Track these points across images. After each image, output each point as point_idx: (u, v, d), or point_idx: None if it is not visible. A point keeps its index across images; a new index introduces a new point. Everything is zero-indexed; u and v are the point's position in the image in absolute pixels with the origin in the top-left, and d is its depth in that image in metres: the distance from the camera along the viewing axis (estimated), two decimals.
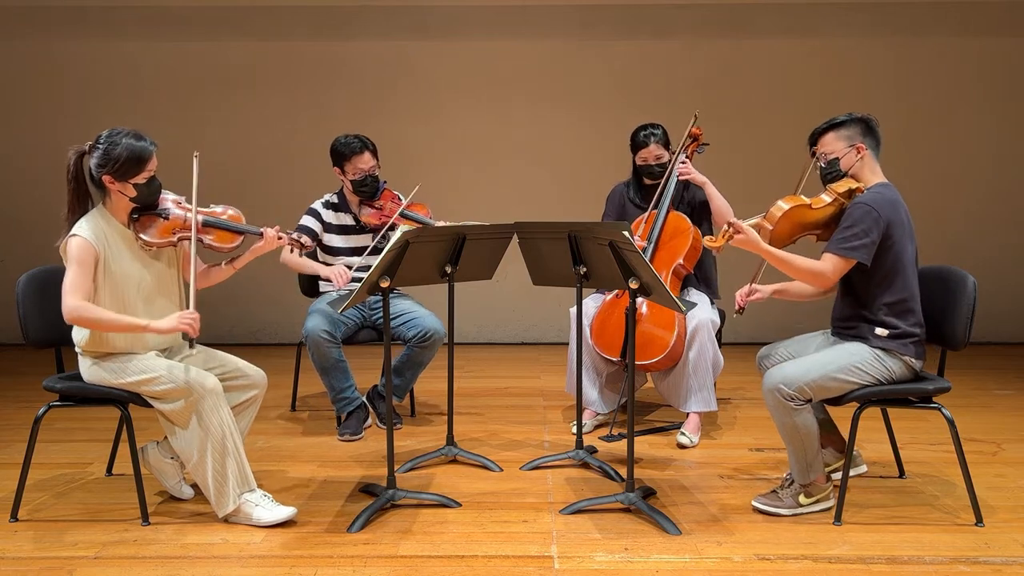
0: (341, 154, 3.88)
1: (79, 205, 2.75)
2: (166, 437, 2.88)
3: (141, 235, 2.77)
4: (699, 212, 3.88)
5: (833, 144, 2.91)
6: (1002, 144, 6.24)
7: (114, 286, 2.73)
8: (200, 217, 2.86)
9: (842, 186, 2.85)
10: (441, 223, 3.79)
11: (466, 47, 6.22)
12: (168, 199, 2.86)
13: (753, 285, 3.07)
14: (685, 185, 3.90)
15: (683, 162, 3.78)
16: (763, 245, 2.79)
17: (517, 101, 6.27)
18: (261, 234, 2.94)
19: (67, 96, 6.19)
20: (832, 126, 2.92)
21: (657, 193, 3.81)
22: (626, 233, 2.73)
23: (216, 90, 6.21)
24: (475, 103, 6.27)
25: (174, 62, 6.20)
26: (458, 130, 6.28)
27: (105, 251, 2.71)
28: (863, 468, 3.29)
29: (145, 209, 2.79)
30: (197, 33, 6.16)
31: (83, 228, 2.69)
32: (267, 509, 2.77)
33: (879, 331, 2.80)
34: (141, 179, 2.72)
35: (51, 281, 2.91)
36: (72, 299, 2.61)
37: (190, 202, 2.84)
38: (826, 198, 2.85)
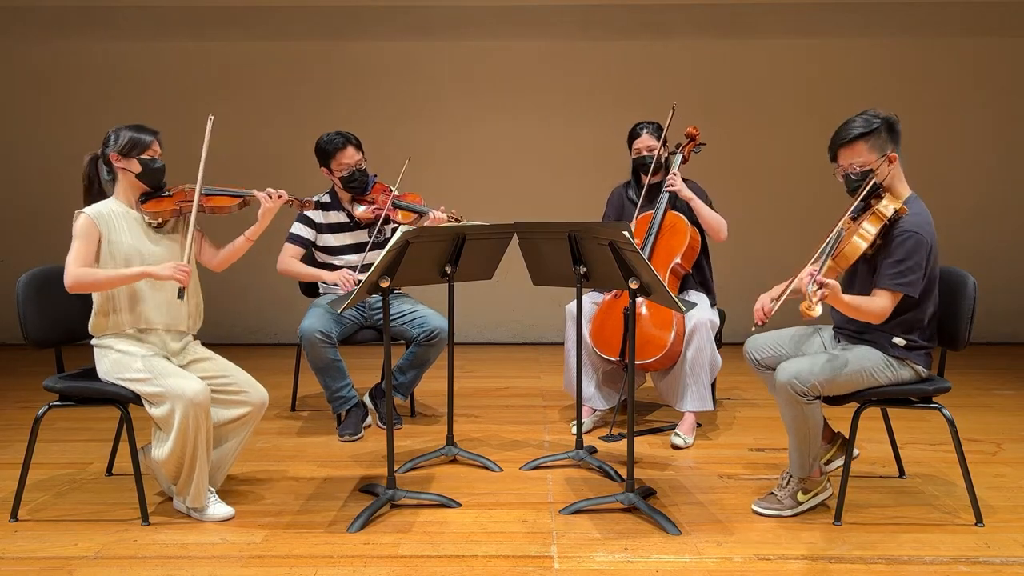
0: (325, 152, 3.88)
1: (93, 203, 2.92)
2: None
3: (148, 213, 2.92)
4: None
5: (866, 155, 2.69)
6: (1001, 144, 6.23)
7: (122, 258, 2.84)
8: (201, 187, 2.99)
9: (888, 209, 2.62)
10: (435, 212, 3.77)
11: (467, 47, 6.22)
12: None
13: (773, 300, 2.74)
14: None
15: (674, 173, 3.77)
16: (842, 296, 2.56)
17: (517, 101, 6.26)
18: (254, 196, 3.12)
19: (67, 97, 6.18)
20: (862, 135, 2.68)
21: (644, 191, 3.81)
22: (626, 233, 2.73)
23: (217, 91, 6.19)
24: (475, 103, 6.27)
25: (174, 62, 6.19)
26: (458, 130, 6.28)
27: (109, 228, 2.84)
28: (855, 452, 3.26)
29: (150, 194, 2.95)
30: (197, 33, 6.16)
31: (89, 208, 2.87)
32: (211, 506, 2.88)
33: (897, 340, 2.78)
34: (146, 155, 2.89)
35: (51, 281, 2.92)
36: (72, 268, 2.76)
37: (193, 182, 3.00)
38: (872, 228, 2.63)
